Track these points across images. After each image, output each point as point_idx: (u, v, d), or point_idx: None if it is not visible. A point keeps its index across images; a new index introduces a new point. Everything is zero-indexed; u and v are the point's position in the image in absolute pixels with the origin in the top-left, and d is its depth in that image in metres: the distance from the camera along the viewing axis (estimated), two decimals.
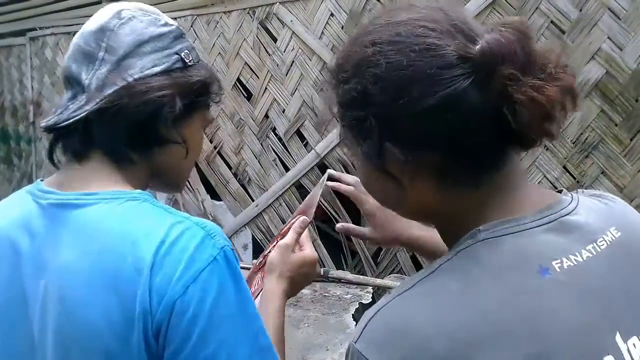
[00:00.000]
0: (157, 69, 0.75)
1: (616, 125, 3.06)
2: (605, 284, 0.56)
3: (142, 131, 0.75)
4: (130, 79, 0.73)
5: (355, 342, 0.55)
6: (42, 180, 0.80)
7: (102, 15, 0.76)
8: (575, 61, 3.02)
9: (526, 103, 0.53)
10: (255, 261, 1.13)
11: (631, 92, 3.01)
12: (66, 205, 0.72)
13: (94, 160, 0.76)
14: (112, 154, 0.75)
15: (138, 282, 0.64)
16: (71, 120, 0.72)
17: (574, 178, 3.20)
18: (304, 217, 1.02)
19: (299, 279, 0.94)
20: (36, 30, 5.90)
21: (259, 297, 0.92)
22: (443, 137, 0.57)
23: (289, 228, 1.04)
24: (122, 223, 0.69)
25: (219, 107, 4.20)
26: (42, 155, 6.09)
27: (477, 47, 0.56)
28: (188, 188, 4.91)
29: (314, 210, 1.05)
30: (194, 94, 0.78)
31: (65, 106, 0.74)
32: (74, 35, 0.79)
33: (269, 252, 1.03)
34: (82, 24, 0.80)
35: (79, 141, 0.75)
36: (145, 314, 0.64)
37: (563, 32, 3.15)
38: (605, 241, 0.58)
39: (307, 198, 1.11)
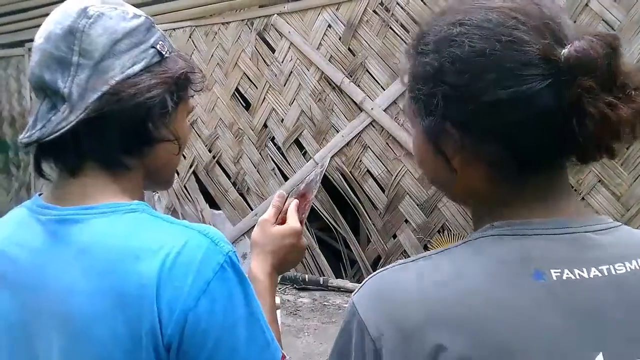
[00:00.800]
0: (137, 67, 0.71)
1: None
2: (604, 306, 0.54)
3: (134, 135, 0.72)
4: (113, 82, 0.69)
5: (353, 295, 0.59)
6: (40, 195, 0.76)
7: (66, 15, 0.70)
8: None
9: (597, 118, 0.53)
10: None
11: None
12: (64, 221, 0.70)
13: (88, 171, 0.72)
14: (106, 163, 0.72)
15: (144, 298, 0.63)
16: (58, 134, 0.67)
17: (571, 186, 3.21)
18: (281, 191, 0.98)
19: (285, 251, 0.89)
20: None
21: None
22: (505, 131, 0.57)
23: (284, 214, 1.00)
24: (122, 238, 0.67)
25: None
26: (41, 165, 6.06)
27: (564, 51, 0.55)
28: (187, 197, 4.90)
29: (312, 195, 1.01)
30: (179, 87, 0.75)
31: (47, 118, 0.68)
32: None
33: None
34: None
35: (70, 154, 0.71)
36: (154, 330, 0.63)
37: None
38: (626, 268, 0.56)
39: (302, 187, 1.06)
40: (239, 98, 4.59)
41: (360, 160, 4.08)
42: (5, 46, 6.23)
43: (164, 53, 0.74)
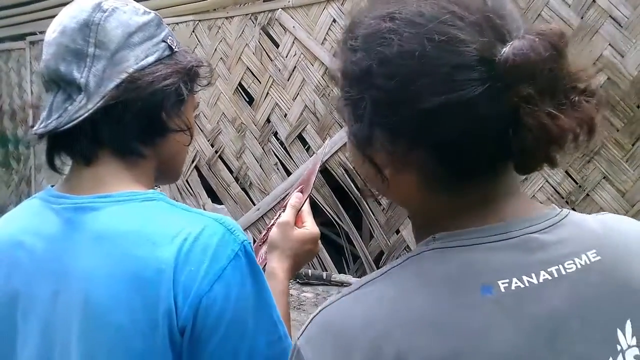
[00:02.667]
0: (150, 59, 0.73)
1: (618, 130, 3.06)
2: (557, 310, 0.50)
3: (149, 124, 0.73)
4: (129, 72, 0.71)
5: (297, 338, 0.54)
6: (52, 187, 0.78)
7: (81, 10, 0.72)
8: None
9: (535, 129, 0.48)
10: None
11: (632, 98, 3.02)
12: (80, 209, 0.71)
13: (104, 160, 0.73)
14: (122, 151, 0.73)
15: (161, 283, 0.64)
16: (75, 122, 0.69)
17: (576, 183, 3.20)
18: (298, 192, 0.98)
19: (302, 256, 0.92)
20: (36, 34, 5.83)
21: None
22: (438, 140, 0.52)
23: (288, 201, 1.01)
24: (140, 224, 0.68)
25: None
26: (42, 158, 5.99)
27: (502, 52, 0.49)
28: (189, 192, 4.87)
29: (312, 184, 1.01)
30: (190, 79, 0.78)
31: (63, 108, 0.70)
32: None
33: (272, 224, 1.00)
34: None
35: (85, 142, 0.72)
36: (170, 313, 0.64)
37: None
38: (576, 264, 0.52)
39: (304, 174, 1.07)
40: (242, 93, 4.55)
41: None
42: (6, 39, 6.17)
43: (173, 47, 0.76)
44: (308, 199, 0.97)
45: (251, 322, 0.67)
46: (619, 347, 0.50)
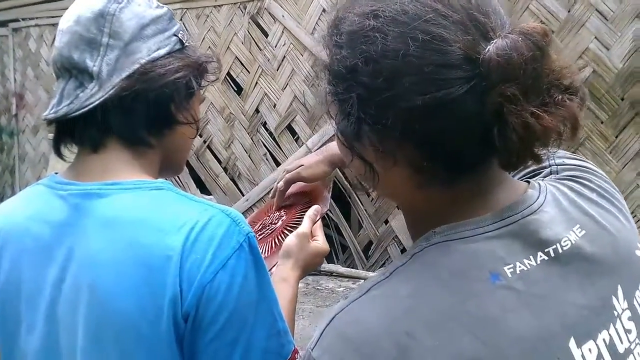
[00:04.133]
0: (162, 51, 0.74)
1: (602, 122, 3.14)
2: (559, 288, 0.53)
3: (160, 114, 0.74)
4: (141, 62, 0.72)
5: (312, 349, 0.53)
6: (56, 174, 0.78)
7: (96, 1, 0.74)
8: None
9: (519, 128, 0.49)
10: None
11: (617, 90, 3.09)
12: (88, 195, 0.71)
13: (111, 147, 0.74)
14: (130, 139, 0.74)
15: (168, 270, 0.65)
16: (86, 109, 0.70)
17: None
18: (318, 206, 1.02)
19: (309, 268, 0.97)
20: (19, 21, 5.73)
21: (274, 268, 0.94)
22: (425, 136, 0.52)
23: (292, 205, 1.04)
24: (148, 212, 0.69)
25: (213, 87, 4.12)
26: (25, 148, 5.94)
27: (485, 51, 0.49)
28: (178, 183, 4.85)
29: (328, 201, 1.05)
30: (199, 74, 0.79)
31: (74, 95, 0.71)
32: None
33: (272, 222, 1.01)
34: None
35: (95, 130, 0.73)
36: (175, 299, 0.65)
37: (552, 31, 3.20)
38: (570, 241, 0.55)
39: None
40: (231, 82, 4.54)
41: None
42: None
43: (184, 41, 0.78)
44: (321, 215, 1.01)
45: (251, 313, 0.68)
46: (615, 313, 0.54)
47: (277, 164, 4.42)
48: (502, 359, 0.49)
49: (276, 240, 1.04)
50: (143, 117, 0.73)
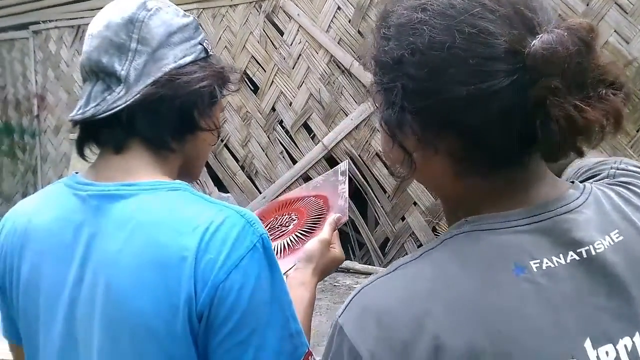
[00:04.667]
0: (188, 59, 0.76)
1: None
2: (583, 289, 0.53)
3: (184, 120, 0.76)
4: (167, 69, 0.74)
5: (339, 317, 0.56)
6: (77, 173, 0.80)
7: (126, 7, 0.76)
8: None
9: (562, 121, 0.50)
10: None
11: (637, 84, 3.05)
12: (107, 196, 0.73)
13: (134, 149, 0.76)
14: (154, 142, 0.76)
15: (183, 270, 0.66)
16: (114, 111, 0.72)
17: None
18: (339, 215, 1.05)
19: (325, 274, 0.99)
20: (39, 23, 5.85)
21: (290, 270, 0.96)
22: (467, 127, 0.54)
23: (306, 205, 1.07)
24: (165, 213, 0.70)
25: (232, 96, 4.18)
26: (47, 148, 6.06)
27: (531, 45, 0.50)
28: (196, 181, 4.88)
29: (347, 210, 1.07)
30: (224, 82, 0.81)
31: (102, 97, 0.73)
32: (78, 28, 0.78)
33: (282, 224, 1.04)
34: (87, 17, 0.78)
35: (120, 131, 0.75)
36: (190, 299, 0.66)
37: None
38: (604, 245, 0.55)
39: (319, 185, 1.12)
40: (247, 81, 4.57)
41: (369, 144, 4.08)
42: (9, 29, 6.17)
43: (209, 51, 0.80)
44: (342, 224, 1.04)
45: (264, 314, 0.68)
46: None
47: (294, 161, 4.44)
48: (515, 349, 0.50)
49: (289, 243, 1.06)
50: (167, 122, 0.75)
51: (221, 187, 4.83)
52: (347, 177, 1.12)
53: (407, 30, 0.55)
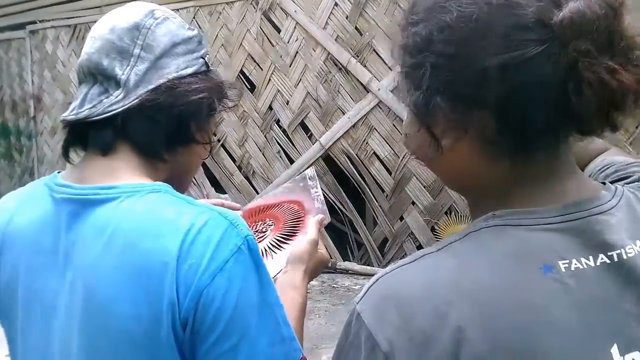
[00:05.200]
0: (189, 71, 0.77)
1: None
2: (612, 294, 0.52)
3: (179, 130, 0.76)
4: (170, 77, 0.74)
5: (356, 303, 0.56)
6: (59, 173, 0.79)
7: (134, 13, 0.77)
8: None
9: (594, 83, 0.49)
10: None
11: None
12: (84, 201, 0.71)
13: (122, 152, 0.75)
14: (145, 149, 0.75)
15: (165, 276, 0.64)
16: (110, 114, 0.72)
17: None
18: (322, 215, 1.05)
19: (315, 276, 0.98)
20: (36, 23, 5.83)
21: (279, 274, 0.95)
22: (498, 101, 0.53)
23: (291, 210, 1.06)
24: (144, 217, 0.68)
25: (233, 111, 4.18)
26: (44, 150, 6.05)
27: (559, 13, 0.51)
28: (193, 182, 4.87)
29: (326, 210, 1.07)
30: (222, 96, 0.81)
31: (98, 100, 0.73)
32: (75, 28, 0.77)
33: (259, 230, 1.04)
34: (83, 16, 0.77)
35: (111, 133, 0.74)
36: (172, 305, 0.64)
37: None
38: (634, 250, 0.54)
39: (287, 191, 1.12)
40: (244, 80, 4.55)
41: (367, 143, 4.05)
42: (6, 29, 6.17)
43: (210, 65, 0.81)
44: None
45: (253, 319, 0.66)
46: None
47: (291, 161, 4.41)
48: (539, 347, 0.49)
49: (270, 247, 1.04)
50: (162, 130, 0.74)
51: (218, 187, 4.80)
52: (317, 182, 1.12)
53: (436, 10, 0.56)
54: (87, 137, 0.76)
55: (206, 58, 0.80)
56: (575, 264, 0.52)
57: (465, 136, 0.56)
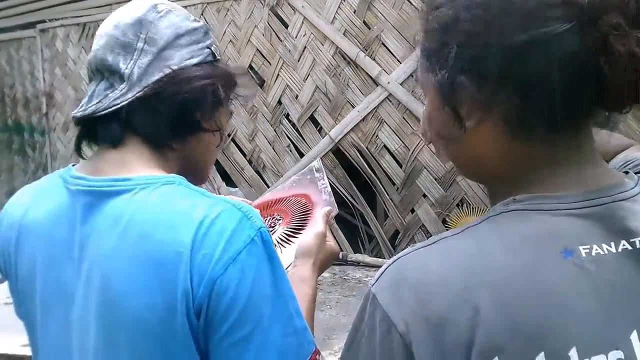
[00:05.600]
0: (194, 61, 0.76)
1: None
2: (633, 280, 0.52)
3: (184, 118, 0.76)
4: (173, 68, 0.75)
5: (372, 285, 0.55)
6: (73, 166, 0.80)
7: (137, 8, 0.77)
8: None
9: (625, 56, 0.49)
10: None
11: None
12: (99, 193, 0.72)
13: (132, 145, 0.76)
14: (152, 139, 0.76)
15: (179, 265, 0.65)
16: (114, 108, 0.73)
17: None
18: (329, 207, 1.05)
19: (324, 269, 0.99)
20: (46, 22, 5.87)
21: (289, 268, 0.95)
22: (525, 79, 0.53)
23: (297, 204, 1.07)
24: (158, 208, 0.69)
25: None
26: (57, 146, 6.11)
27: None
28: (204, 183, 4.89)
29: (334, 202, 1.07)
30: (229, 86, 0.80)
31: (104, 95, 0.74)
32: (84, 26, 0.78)
33: (267, 225, 1.06)
34: (93, 14, 0.78)
35: (118, 126, 0.75)
36: (187, 295, 0.65)
37: None
38: None
39: (294, 185, 1.12)
40: (253, 75, 4.54)
41: (377, 136, 4.05)
42: (17, 28, 6.21)
43: (217, 55, 0.80)
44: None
45: (267, 310, 0.67)
46: None
47: (301, 155, 4.43)
48: (558, 331, 0.49)
49: (279, 241, 1.04)
50: (167, 119, 0.75)
51: (229, 181, 4.83)
52: (324, 174, 1.12)
53: None
54: (97, 131, 0.77)
55: (213, 48, 0.80)
56: (597, 250, 0.51)
57: (489, 117, 0.56)
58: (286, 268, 0.94)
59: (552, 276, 0.50)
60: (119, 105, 0.73)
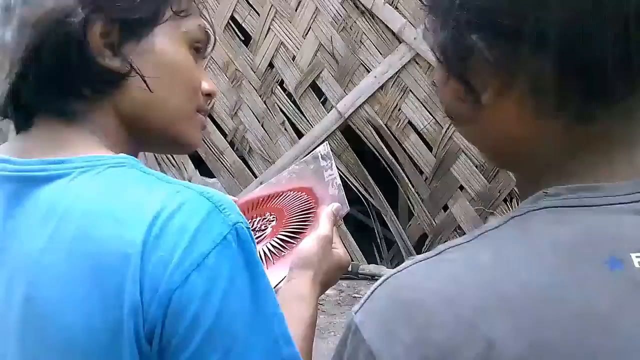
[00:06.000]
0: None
1: None
2: None
3: (71, 71, 0.75)
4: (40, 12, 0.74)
5: (355, 313, 0.56)
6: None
7: None
8: None
9: None
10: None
11: None
12: (28, 178, 0.73)
13: (45, 125, 0.77)
14: (55, 112, 0.76)
15: (126, 272, 0.65)
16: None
17: None
18: (337, 204, 1.07)
19: (330, 284, 1.00)
20: None
21: (281, 283, 0.98)
22: (558, 36, 0.53)
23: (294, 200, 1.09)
24: (102, 197, 0.69)
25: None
26: None
27: None
28: (170, 162, 4.95)
29: (345, 198, 1.09)
30: (119, 4, 0.78)
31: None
32: None
33: (257, 228, 1.08)
34: None
35: (20, 113, 0.77)
36: (136, 312, 0.65)
37: None
38: None
39: (294, 176, 1.14)
40: (235, 29, 4.58)
41: (400, 109, 4.08)
42: None
43: None
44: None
45: (242, 332, 0.67)
46: None
47: (299, 134, 4.45)
48: None
49: (270, 249, 1.07)
50: (53, 81, 0.75)
51: (204, 170, 4.86)
52: (332, 161, 1.12)
53: None
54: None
55: None
56: None
57: (512, 87, 0.57)
58: (277, 284, 0.96)
59: (594, 297, 0.51)
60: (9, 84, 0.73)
